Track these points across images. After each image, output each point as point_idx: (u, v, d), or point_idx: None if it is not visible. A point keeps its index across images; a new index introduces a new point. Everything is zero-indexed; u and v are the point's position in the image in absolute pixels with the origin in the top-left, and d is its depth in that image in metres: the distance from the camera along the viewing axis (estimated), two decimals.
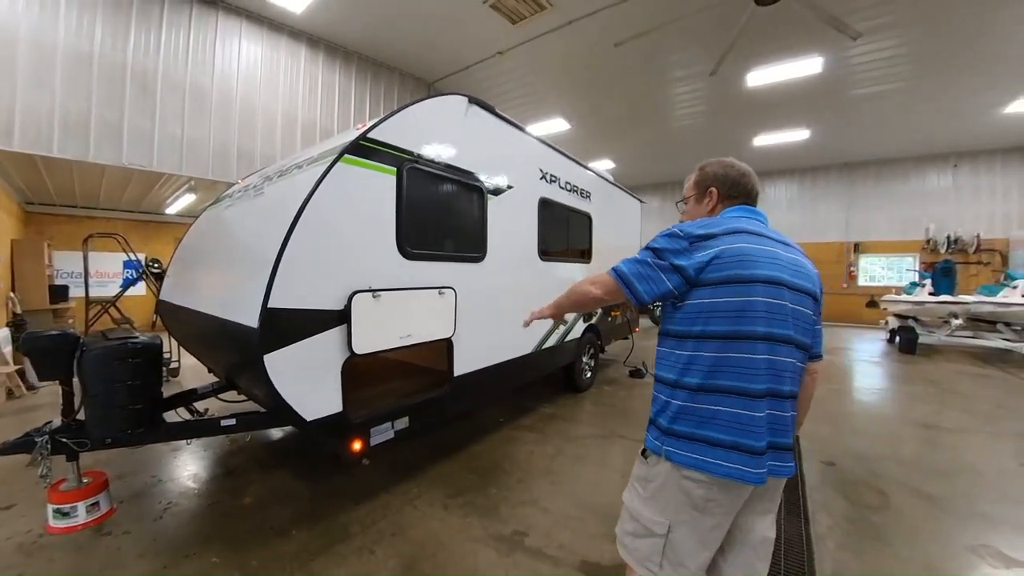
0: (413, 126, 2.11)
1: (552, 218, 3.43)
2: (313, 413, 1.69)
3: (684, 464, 0.95)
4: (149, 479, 2.50)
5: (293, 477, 2.52)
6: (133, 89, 4.75)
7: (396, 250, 2.02)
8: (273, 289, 1.53)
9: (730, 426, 0.92)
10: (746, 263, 0.95)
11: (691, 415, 0.96)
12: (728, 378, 0.94)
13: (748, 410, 0.92)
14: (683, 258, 0.97)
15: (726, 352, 0.94)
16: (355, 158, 1.83)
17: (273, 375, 1.54)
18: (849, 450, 3.07)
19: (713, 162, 1.20)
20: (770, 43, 5.82)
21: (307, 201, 1.65)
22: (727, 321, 0.94)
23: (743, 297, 0.94)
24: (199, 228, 3.11)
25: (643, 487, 1.04)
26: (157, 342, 2.07)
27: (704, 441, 0.94)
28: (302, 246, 1.63)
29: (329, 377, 1.75)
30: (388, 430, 2.01)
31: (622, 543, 1.10)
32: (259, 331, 1.51)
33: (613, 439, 3.21)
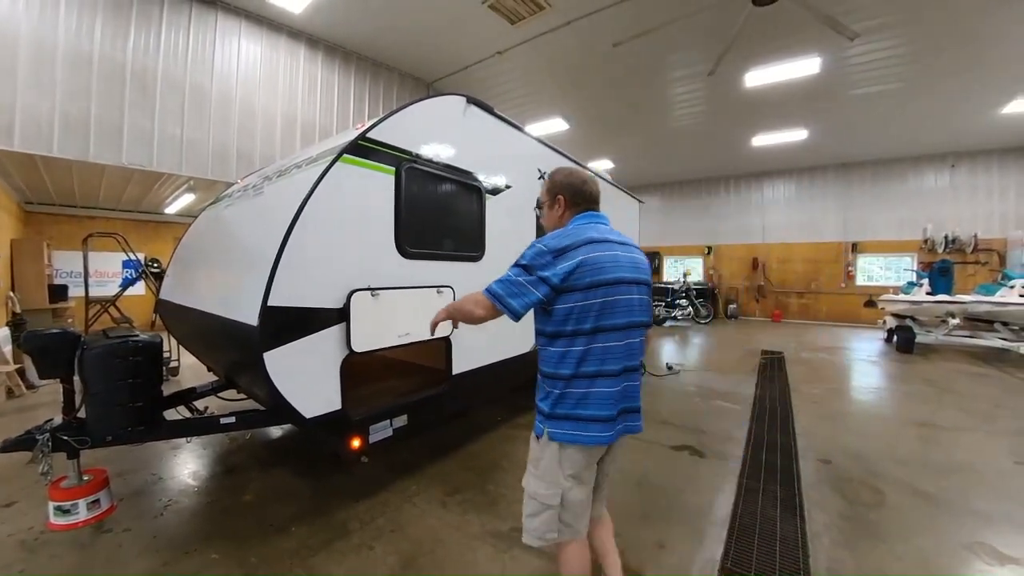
0: (412, 126, 2.13)
1: None
2: (312, 411, 1.71)
3: (565, 441, 1.16)
4: (150, 477, 2.52)
5: (293, 475, 2.53)
6: (133, 89, 4.76)
7: (395, 249, 2.04)
8: (273, 287, 1.55)
9: (596, 403, 1.14)
10: (603, 269, 1.14)
11: (567, 400, 1.15)
12: (594, 364, 1.14)
13: (609, 387, 1.15)
14: (549, 270, 1.12)
15: (592, 344, 1.14)
16: (354, 158, 1.84)
17: (273, 373, 1.56)
18: (846, 448, 3.08)
19: (561, 170, 1.35)
20: (768, 43, 5.84)
21: (306, 200, 1.66)
22: (593, 318, 1.13)
23: (604, 298, 1.14)
24: (198, 228, 3.13)
25: (535, 467, 1.22)
26: (157, 340, 2.09)
27: (577, 419, 1.14)
28: (301, 245, 1.65)
29: (328, 375, 1.77)
30: (387, 428, 2.02)
31: (526, 530, 1.25)
32: (259, 329, 1.52)
33: None
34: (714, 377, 5.18)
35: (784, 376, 5.32)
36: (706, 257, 12.82)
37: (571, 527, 1.20)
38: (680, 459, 2.90)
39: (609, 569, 1.37)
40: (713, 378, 5.13)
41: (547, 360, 1.20)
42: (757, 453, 3.01)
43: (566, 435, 1.15)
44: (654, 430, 3.38)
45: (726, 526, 2.10)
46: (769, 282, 11.83)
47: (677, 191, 13.32)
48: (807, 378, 5.21)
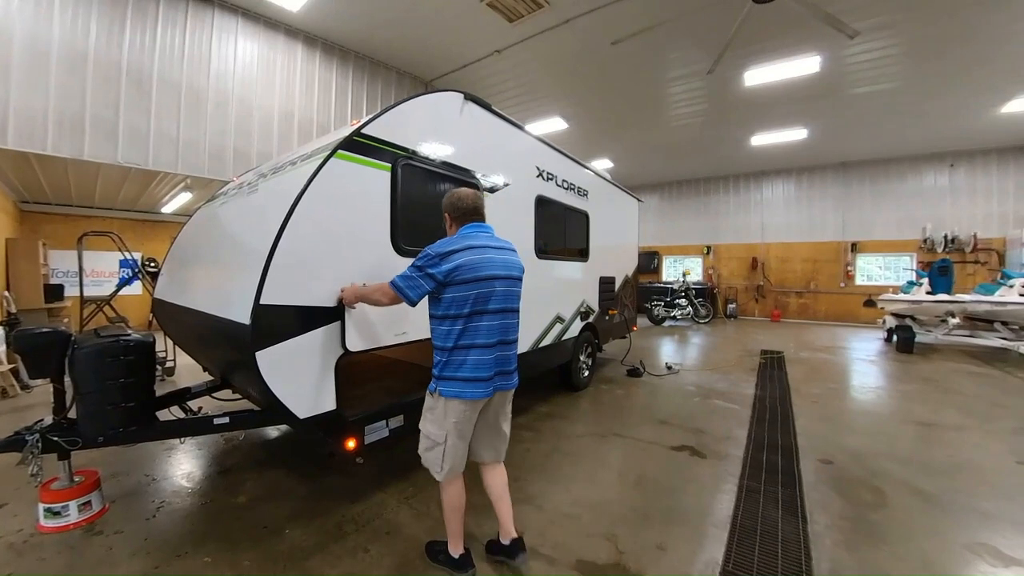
0: (408, 122, 2.10)
1: (549, 216, 3.43)
2: (306, 411, 1.68)
3: (449, 396, 1.54)
4: (142, 478, 2.49)
5: (288, 475, 2.51)
6: (128, 87, 4.73)
7: (391, 247, 2.01)
8: (265, 285, 1.52)
9: (471, 368, 1.53)
10: (478, 268, 1.53)
11: (450, 365, 1.54)
12: (471, 339, 1.53)
13: (483, 356, 1.54)
14: (434, 268, 1.51)
15: (468, 324, 1.53)
16: (349, 154, 1.82)
17: (265, 372, 1.53)
18: (846, 448, 3.06)
19: (448, 194, 1.71)
20: (768, 42, 5.82)
21: (300, 197, 1.63)
22: (469, 305, 1.52)
23: (477, 290, 1.52)
24: (193, 226, 3.10)
25: (431, 414, 1.62)
26: (149, 340, 2.06)
27: (459, 379, 1.53)
28: (295, 242, 1.62)
29: (322, 374, 1.74)
30: (383, 428, 1.99)
31: (424, 460, 1.67)
32: (251, 328, 1.49)
33: (610, 438, 3.20)
34: (714, 377, 5.16)
35: (784, 376, 5.31)
36: (705, 257, 12.81)
37: (452, 463, 1.60)
38: (680, 459, 2.87)
39: (501, 514, 1.75)
40: (713, 378, 5.10)
41: (437, 336, 1.57)
42: (758, 453, 2.99)
43: (450, 391, 1.53)
44: (653, 430, 3.36)
45: (727, 527, 2.07)
46: (768, 282, 11.82)
47: (676, 191, 13.31)
48: (807, 378, 5.20)
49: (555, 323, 3.60)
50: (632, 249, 5.83)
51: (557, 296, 3.68)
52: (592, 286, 4.39)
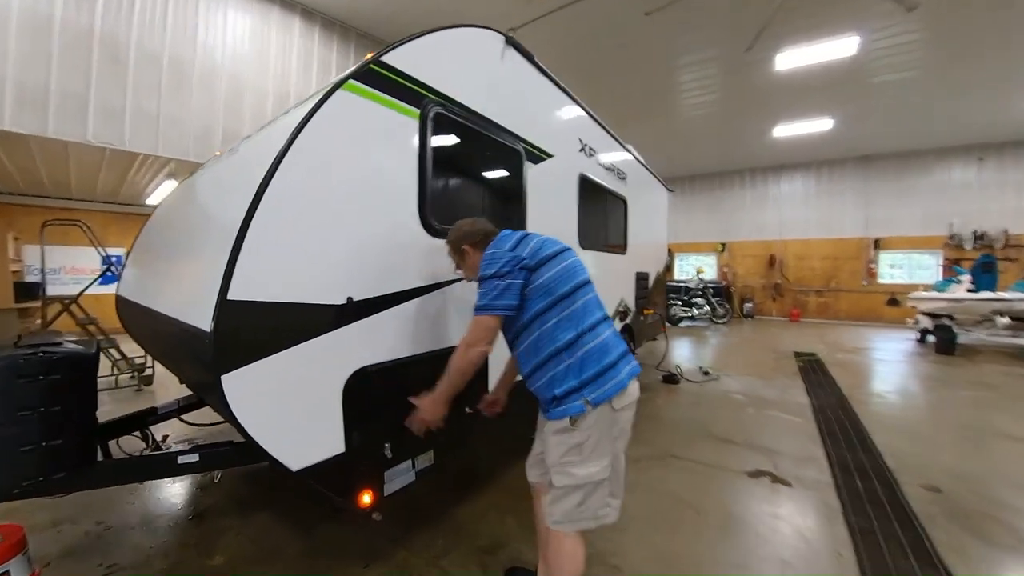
0: (441, 59, 1.57)
1: (592, 200, 2.90)
2: (303, 458, 1.14)
3: (601, 400, 1.16)
4: (92, 527, 1.94)
5: (278, 523, 1.96)
6: (102, 57, 4.16)
7: (419, 222, 1.48)
8: (237, 271, 0.98)
9: (601, 353, 1.21)
10: (542, 247, 1.28)
11: (587, 361, 1.19)
12: (585, 317, 1.24)
13: (601, 336, 1.23)
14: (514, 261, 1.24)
15: (576, 302, 1.25)
16: (364, 87, 1.28)
17: (237, 405, 0.99)
18: (946, 470, 2.62)
19: (452, 230, 1.42)
20: (810, 18, 5.34)
21: (292, 141, 1.10)
22: (566, 281, 1.26)
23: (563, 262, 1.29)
24: (164, 207, 2.54)
25: (579, 453, 1.18)
26: (88, 352, 1.51)
27: (600, 375, 1.18)
28: (282, 206, 1.09)
29: (326, 404, 1.21)
30: (408, 472, 1.46)
31: (569, 519, 1.21)
32: (213, 337, 0.96)
33: (668, 460, 2.68)
34: (756, 383, 4.66)
35: (831, 381, 4.85)
36: (720, 254, 12.32)
37: (617, 491, 1.27)
38: (762, 490, 2.36)
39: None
40: (756, 384, 4.61)
41: (547, 340, 1.23)
42: (849, 480, 2.50)
43: (601, 394, 1.16)
44: (714, 450, 2.85)
45: None
46: (787, 280, 11.35)
47: (689, 185, 12.81)
48: (854, 383, 4.78)
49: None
50: (663, 243, 5.33)
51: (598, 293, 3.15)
52: (629, 283, 3.87)
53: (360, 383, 1.27)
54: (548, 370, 1.21)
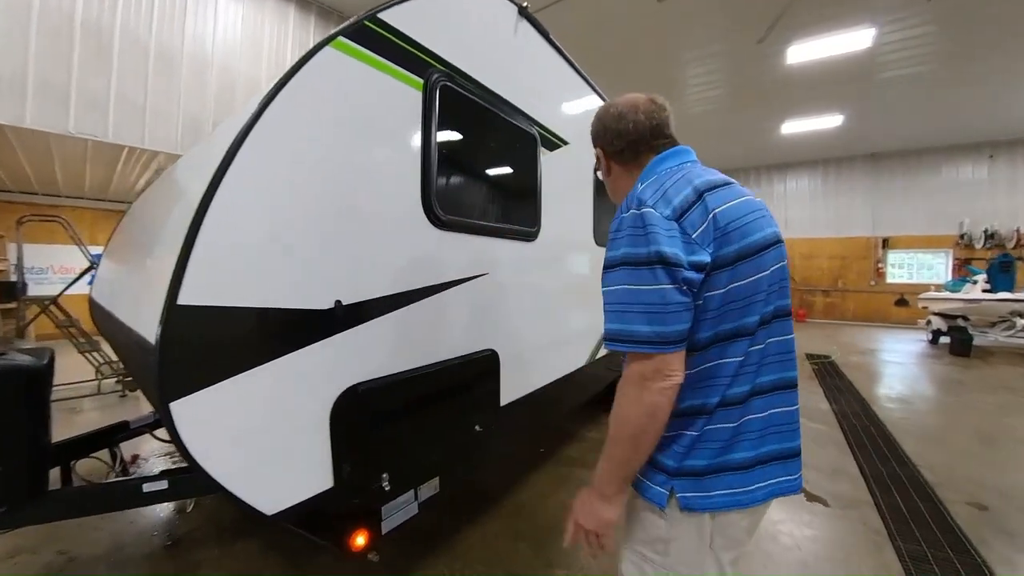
0: (448, 23, 1.35)
1: (606, 193, 2.68)
2: (280, 499, 0.93)
3: (707, 508, 0.70)
4: (54, 558, 1.72)
5: (262, 553, 1.74)
6: (84, 44, 3.94)
7: (421, 213, 1.26)
8: (190, 268, 0.76)
9: (753, 441, 0.72)
10: (744, 219, 0.70)
11: (711, 441, 0.71)
12: (752, 377, 0.72)
13: (765, 412, 0.73)
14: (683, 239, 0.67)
15: (752, 347, 0.71)
16: (357, 47, 1.06)
17: (193, 440, 0.77)
18: (988, 485, 2.43)
19: (598, 114, 0.89)
20: (826, 8, 5.15)
21: (268, 102, 0.88)
22: (753, 304, 0.70)
23: (758, 272, 0.70)
24: (138, 203, 2.32)
25: (659, 551, 0.75)
26: (36, 364, 1.29)
27: (729, 469, 0.71)
28: (253, 187, 0.87)
29: (309, 431, 0.99)
30: (410, 503, 1.24)
31: None
32: (159, 351, 0.74)
33: None
34: None
35: (848, 384, 4.67)
36: None
37: None
38: (797, 508, 2.15)
39: None
40: None
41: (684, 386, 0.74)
42: (887, 496, 2.32)
43: (721, 498, 0.70)
44: None
45: None
46: (792, 279, 11.13)
47: None
48: (874, 387, 4.62)
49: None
50: None
51: None
52: None
53: (352, 404, 1.05)
54: (672, 427, 0.72)
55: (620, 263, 0.66)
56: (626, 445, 0.68)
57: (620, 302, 0.66)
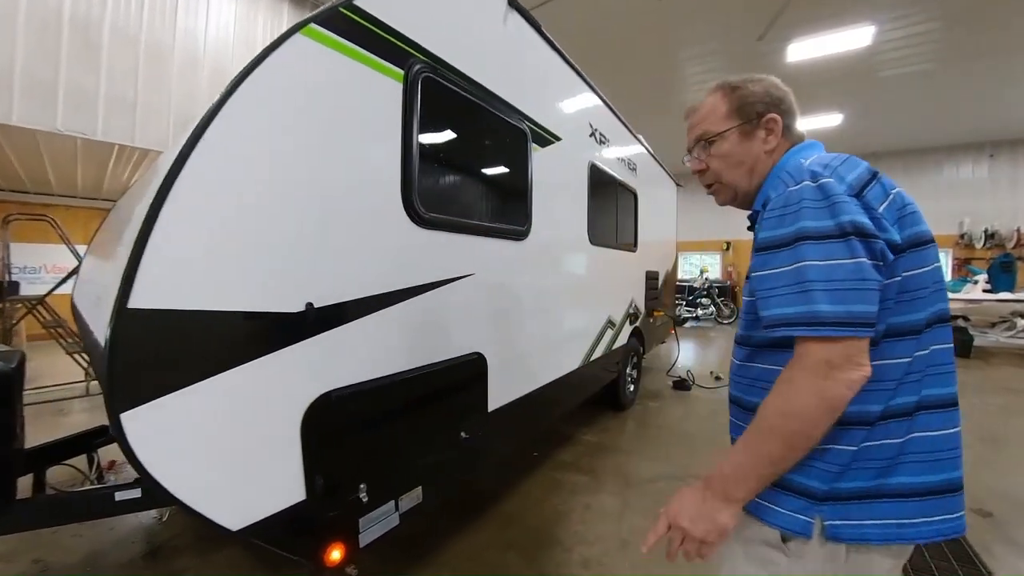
0: (431, 12, 1.30)
1: (601, 191, 2.63)
2: (245, 514, 0.87)
3: (862, 540, 0.60)
4: (27, 567, 1.66)
5: (245, 561, 1.69)
6: (72, 39, 3.87)
7: (402, 211, 1.20)
8: (143, 268, 0.71)
9: (922, 464, 0.61)
10: (916, 215, 0.65)
11: (869, 461, 0.61)
12: (920, 387, 0.62)
13: (940, 431, 0.62)
14: (866, 209, 0.60)
15: (919, 350, 0.62)
16: (331, 35, 1.00)
17: (146, 454, 0.72)
18: (990, 489, 2.37)
19: (755, 78, 0.78)
20: (826, 6, 5.10)
21: (227, 96, 0.82)
22: (924, 300, 0.62)
23: (924, 266, 0.63)
24: (119, 202, 2.26)
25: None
26: (5, 368, 1.23)
27: (887, 495, 0.61)
28: (215, 181, 0.82)
29: (278, 441, 0.93)
30: (390, 514, 1.19)
31: None
32: (107, 357, 0.68)
33: (690, 481, 2.40)
34: None
35: None
36: (725, 253, 12.07)
37: None
38: None
39: None
40: None
41: None
42: None
43: (875, 529, 0.59)
44: None
45: None
46: None
47: (693, 182, 12.32)
48: None
49: (607, 328, 2.81)
50: (672, 241, 5.07)
51: (609, 294, 2.89)
52: (639, 282, 3.61)
53: (325, 412, 0.99)
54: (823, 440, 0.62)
55: (797, 239, 0.58)
56: (784, 443, 0.58)
57: (797, 282, 0.58)
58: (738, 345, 0.77)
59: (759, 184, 0.75)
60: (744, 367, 0.75)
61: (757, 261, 0.64)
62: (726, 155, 0.76)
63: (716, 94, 0.78)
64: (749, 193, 0.77)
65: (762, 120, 0.73)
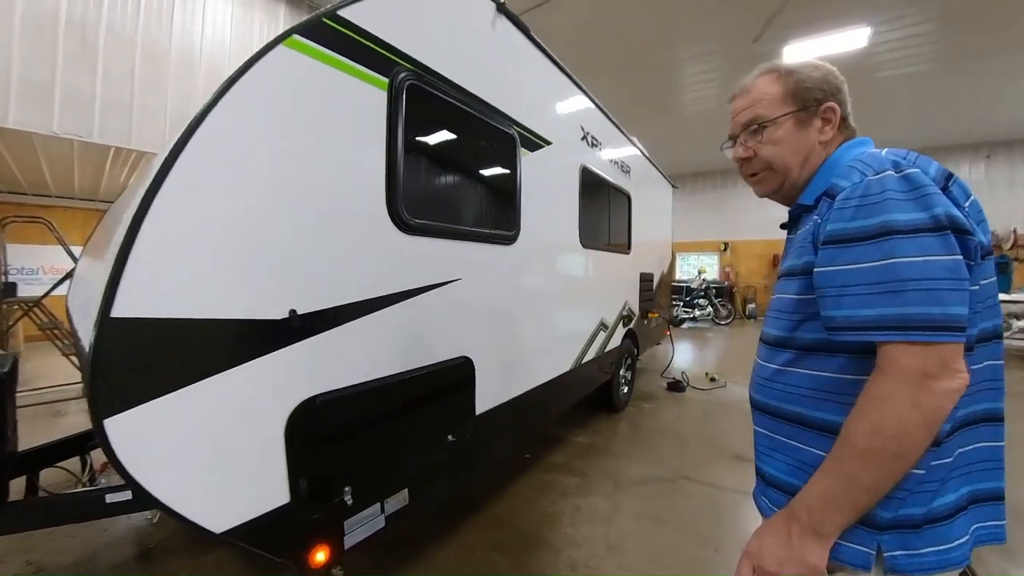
0: (418, 20, 1.31)
1: (593, 193, 2.65)
2: (229, 516, 0.89)
3: (928, 570, 0.54)
4: (22, 568, 1.68)
5: (236, 561, 1.71)
6: (68, 41, 3.89)
7: (387, 217, 1.22)
8: (125, 279, 0.73)
9: (973, 480, 0.59)
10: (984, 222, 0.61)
11: (932, 481, 0.55)
12: (973, 402, 0.59)
13: (989, 443, 0.61)
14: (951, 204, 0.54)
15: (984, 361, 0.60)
16: (314, 46, 1.02)
17: (129, 458, 0.74)
18: None
19: (812, 63, 0.73)
20: (821, 8, 5.12)
21: (212, 104, 0.84)
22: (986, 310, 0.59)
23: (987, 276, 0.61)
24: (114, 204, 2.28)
25: None
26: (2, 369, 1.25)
27: (947, 516, 0.55)
28: (197, 191, 0.83)
29: (262, 445, 0.95)
30: (376, 516, 1.21)
31: None
32: (91, 365, 0.70)
33: (680, 484, 2.43)
34: None
35: None
36: (722, 254, 12.09)
37: None
38: None
39: None
40: None
41: None
42: None
43: (933, 556, 0.54)
44: (730, 469, 2.59)
45: None
46: None
47: (691, 183, 12.57)
48: None
49: (599, 331, 2.83)
50: (667, 242, 5.09)
51: (601, 297, 2.91)
52: (633, 285, 3.62)
53: (309, 416, 1.01)
54: None
55: (882, 233, 0.52)
56: (882, 467, 0.51)
57: (886, 280, 0.51)
58: (769, 346, 0.72)
59: (808, 177, 0.70)
60: (782, 373, 0.67)
61: (824, 256, 0.58)
62: (778, 142, 0.70)
63: (768, 76, 0.72)
64: (796, 185, 0.72)
65: (820, 108, 0.69)
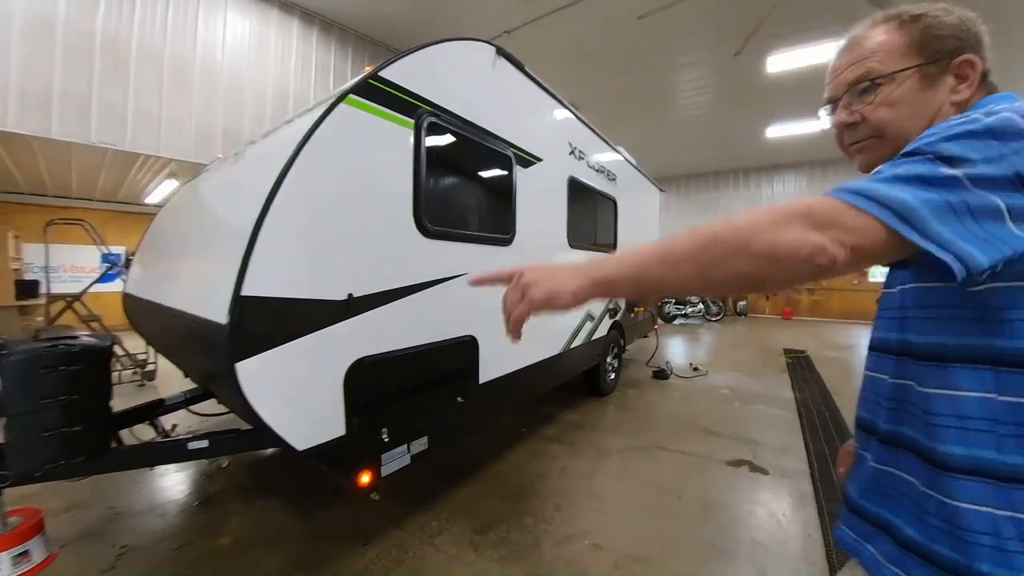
0: (435, 71, 1.68)
1: (580, 200, 3.02)
2: (307, 440, 1.26)
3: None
4: (104, 511, 2.05)
5: (281, 508, 2.08)
6: (103, 60, 4.24)
7: (413, 225, 1.59)
8: (249, 270, 1.09)
9: None
10: None
11: None
12: None
13: None
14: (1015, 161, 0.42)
15: None
16: (363, 101, 1.39)
17: (249, 390, 1.10)
18: None
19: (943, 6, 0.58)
20: (797, 23, 5.47)
21: (299, 149, 1.21)
22: None
23: None
24: (171, 208, 2.65)
25: None
26: (104, 344, 1.61)
27: None
28: (291, 210, 1.20)
29: (328, 391, 1.32)
30: (403, 455, 1.58)
31: None
32: (228, 329, 1.07)
33: (654, 451, 2.80)
34: (745, 379, 4.80)
35: (818, 377, 4.99)
36: None
37: None
38: (741, 477, 2.49)
39: None
40: (744, 380, 4.74)
41: None
42: (824, 467, 2.63)
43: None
44: (700, 441, 2.98)
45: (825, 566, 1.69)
46: None
47: (684, 185, 12.97)
48: (842, 379, 4.89)
49: (586, 321, 3.20)
50: None
51: None
52: None
53: (359, 372, 1.38)
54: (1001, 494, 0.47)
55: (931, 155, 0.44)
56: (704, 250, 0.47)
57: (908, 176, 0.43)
58: (896, 357, 0.58)
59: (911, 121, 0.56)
60: (927, 397, 0.53)
61: None
62: (896, 103, 0.56)
63: (887, 24, 0.58)
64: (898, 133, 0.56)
65: (954, 62, 0.55)
